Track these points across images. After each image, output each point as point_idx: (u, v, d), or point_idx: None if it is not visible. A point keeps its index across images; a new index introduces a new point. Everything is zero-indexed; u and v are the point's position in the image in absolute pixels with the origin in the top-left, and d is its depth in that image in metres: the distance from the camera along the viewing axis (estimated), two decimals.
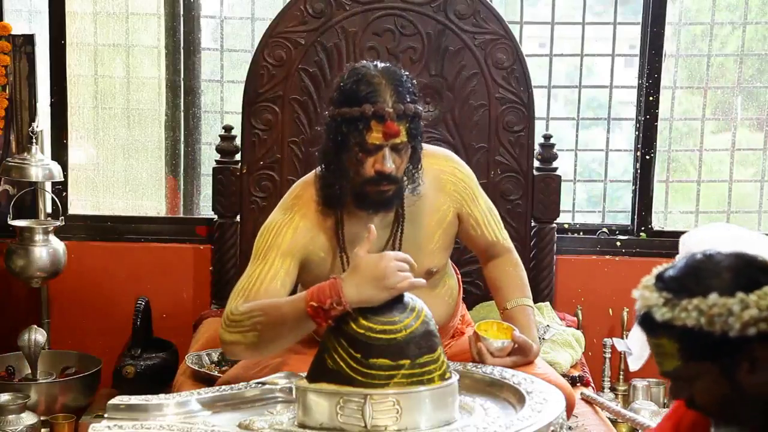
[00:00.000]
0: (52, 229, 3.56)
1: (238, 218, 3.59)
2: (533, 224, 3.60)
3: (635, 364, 3.39)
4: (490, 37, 3.49)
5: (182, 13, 3.87)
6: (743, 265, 1.57)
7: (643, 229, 3.83)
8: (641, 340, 3.34)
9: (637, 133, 3.82)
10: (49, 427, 3.34)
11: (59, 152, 3.78)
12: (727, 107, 3.95)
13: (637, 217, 3.84)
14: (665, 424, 1.84)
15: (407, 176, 2.38)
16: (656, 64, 3.76)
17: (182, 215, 3.95)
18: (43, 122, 3.75)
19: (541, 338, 3.17)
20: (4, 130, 3.67)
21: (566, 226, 3.83)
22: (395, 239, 2.46)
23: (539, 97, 3.72)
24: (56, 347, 3.74)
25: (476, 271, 3.41)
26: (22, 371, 3.55)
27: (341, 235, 2.43)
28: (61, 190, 3.78)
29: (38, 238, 3.51)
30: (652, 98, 3.77)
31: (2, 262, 3.58)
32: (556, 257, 3.65)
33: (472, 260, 3.37)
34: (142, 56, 3.92)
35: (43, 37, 3.77)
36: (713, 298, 1.52)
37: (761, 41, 3.94)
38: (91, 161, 3.95)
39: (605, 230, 3.86)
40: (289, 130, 3.53)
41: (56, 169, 3.57)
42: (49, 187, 3.68)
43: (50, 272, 3.54)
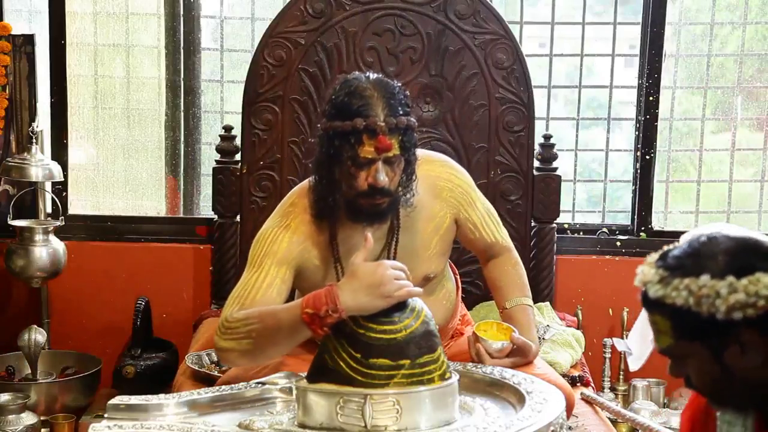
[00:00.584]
0: (52, 229, 3.56)
1: (238, 218, 3.59)
2: (533, 224, 3.60)
3: (635, 364, 3.39)
4: (490, 37, 3.49)
5: (182, 13, 3.87)
6: (741, 249, 1.55)
7: (643, 229, 3.83)
8: (641, 340, 3.34)
9: (637, 133, 3.82)
10: (49, 427, 3.34)
11: (59, 152, 3.78)
12: (727, 107, 3.95)
13: (637, 217, 3.84)
14: (683, 417, 1.83)
15: (401, 187, 2.37)
16: (656, 64, 3.76)
17: (182, 215, 3.95)
18: (43, 122, 3.75)
19: (541, 338, 3.17)
20: (4, 130, 3.67)
21: (566, 226, 3.83)
22: (390, 248, 2.46)
23: (539, 97, 3.72)
24: (56, 347, 3.74)
25: (476, 271, 3.41)
26: (22, 371, 3.55)
27: (336, 244, 2.42)
28: (61, 190, 3.78)
29: (38, 238, 3.51)
30: (652, 98, 3.77)
31: (2, 262, 3.58)
32: (556, 257, 3.65)
33: (471, 260, 3.37)
34: (142, 56, 3.92)
35: (43, 37, 3.77)
36: (704, 279, 1.52)
37: (761, 41, 3.94)
38: (91, 161, 3.95)
39: (605, 230, 3.86)
40: (289, 130, 3.53)
41: (56, 169, 3.57)
42: (49, 187, 3.68)
43: (50, 272, 3.54)
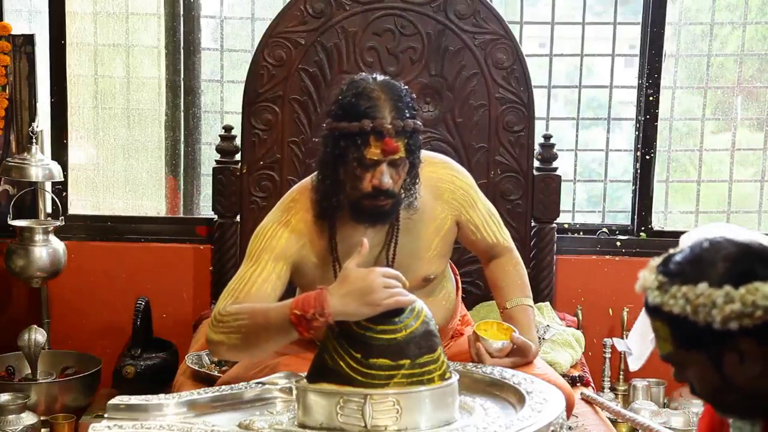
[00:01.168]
0: (52, 229, 3.56)
1: (238, 218, 3.59)
2: (533, 224, 3.60)
3: (635, 364, 3.39)
4: (490, 37, 3.49)
5: (182, 13, 3.87)
6: (743, 255, 1.52)
7: (643, 229, 3.83)
8: (641, 340, 3.34)
9: (637, 133, 3.82)
10: (49, 427, 3.34)
11: (59, 152, 3.78)
12: (727, 107, 3.95)
13: (637, 217, 3.84)
14: (701, 424, 1.82)
15: (405, 190, 2.37)
16: (656, 64, 3.76)
17: (182, 215, 3.95)
18: (43, 122, 3.75)
19: (541, 338, 3.17)
20: (4, 130, 3.67)
21: (566, 226, 3.83)
22: (389, 249, 2.46)
23: (539, 97, 3.72)
24: (56, 347, 3.74)
25: (476, 271, 3.41)
26: (22, 371, 3.55)
27: (335, 243, 2.42)
28: (61, 190, 3.78)
29: (38, 238, 3.51)
30: (652, 98, 3.77)
31: (2, 262, 3.58)
32: (556, 257, 3.65)
33: (471, 260, 3.37)
34: (142, 56, 3.92)
35: (43, 37, 3.77)
36: (702, 287, 1.49)
37: (761, 41, 3.94)
38: (91, 161, 3.95)
39: (605, 230, 3.86)
40: (289, 130, 3.53)
41: (56, 169, 3.57)
42: (49, 187, 3.68)
43: (50, 272, 3.54)
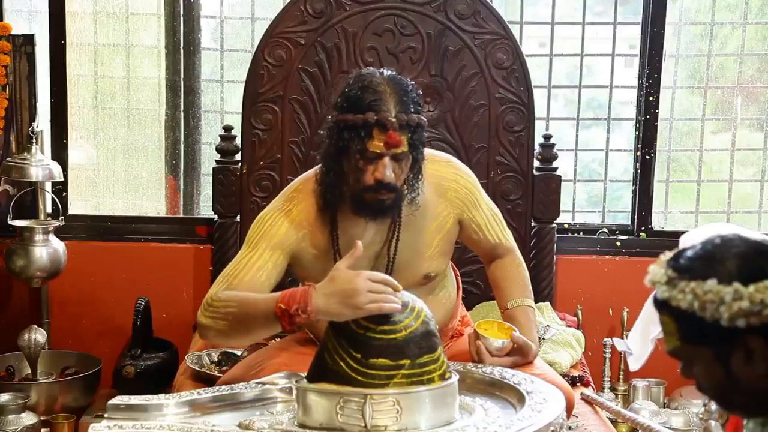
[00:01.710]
0: (52, 229, 3.56)
1: (238, 218, 3.59)
2: (533, 224, 3.60)
3: (635, 364, 3.39)
4: (490, 37, 3.49)
5: (182, 13, 3.86)
6: (754, 254, 1.52)
7: (643, 229, 3.83)
8: (641, 340, 3.34)
9: (637, 133, 3.82)
10: (49, 427, 3.34)
11: (59, 152, 3.78)
12: (727, 107, 3.95)
13: (637, 217, 3.84)
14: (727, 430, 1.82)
15: (407, 185, 2.37)
16: (656, 64, 3.76)
17: (182, 215, 3.95)
18: (43, 122, 3.75)
19: (541, 338, 3.17)
20: (4, 130, 3.66)
21: (566, 226, 3.83)
22: (390, 245, 2.46)
23: (539, 97, 3.72)
24: (56, 347, 3.73)
25: (476, 270, 3.41)
26: (22, 371, 3.55)
27: (336, 235, 2.43)
28: (61, 190, 3.78)
29: (38, 238, 3.51)
30: (652, 98, 3.77)
31: (2, 262, 3.57)
32: (556, 257, 3.65)
33: (472, 260, 3.37)
34: (142, 56, 3.92)
35: (43, 37, 3.77)
36: (710, 284, 1.49)
37: (761, 41, 3.94)
38: (91, 161, 3.95)
39: (605, 230, 3.86)
40: (289, 130, 3.53)
41: (56, 169, 3.57)
42: (49, 187, 3.68)
43: (50, 272, 3.54)
